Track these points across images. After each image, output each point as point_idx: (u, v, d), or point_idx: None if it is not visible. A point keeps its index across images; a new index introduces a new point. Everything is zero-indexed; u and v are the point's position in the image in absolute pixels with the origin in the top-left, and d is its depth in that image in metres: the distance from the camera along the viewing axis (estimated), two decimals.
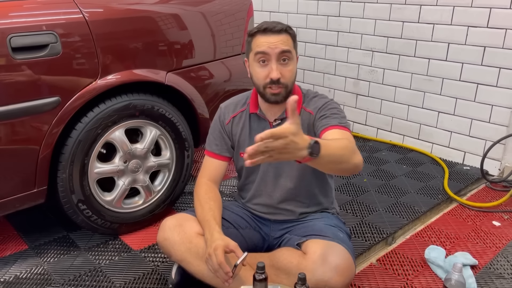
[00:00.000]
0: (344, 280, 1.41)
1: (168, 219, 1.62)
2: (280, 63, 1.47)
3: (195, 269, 1.54)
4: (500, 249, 1.99)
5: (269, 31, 1.46)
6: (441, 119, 2.95)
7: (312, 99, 1.61)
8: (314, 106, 1.57)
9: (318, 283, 1.40)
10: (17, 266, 1.84)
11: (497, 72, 2.61)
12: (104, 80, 1.80)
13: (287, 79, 1.49)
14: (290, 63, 1.49)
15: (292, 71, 1.50)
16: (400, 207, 2.32)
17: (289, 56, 1.48)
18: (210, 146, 1.71)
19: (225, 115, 1.69)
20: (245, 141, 1.65)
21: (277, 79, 1.46)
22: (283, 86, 1.49)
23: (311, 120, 1.57)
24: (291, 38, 1.50)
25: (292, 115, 1.11)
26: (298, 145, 1.13)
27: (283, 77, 1.48)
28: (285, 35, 1.48)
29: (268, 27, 1.47)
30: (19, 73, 1.60)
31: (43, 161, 1.73)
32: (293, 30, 1.53)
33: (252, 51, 1.50)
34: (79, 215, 1.89)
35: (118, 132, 1.91)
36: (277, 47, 1.45)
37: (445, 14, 2.77)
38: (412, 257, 1.92)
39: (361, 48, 3.28)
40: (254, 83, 1.55)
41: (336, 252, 1.43)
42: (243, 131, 1.66)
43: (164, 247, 1.59)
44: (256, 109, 1.63)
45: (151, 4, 1.98)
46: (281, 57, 1.47)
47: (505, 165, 2.68)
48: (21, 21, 1.61)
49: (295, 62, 1.53)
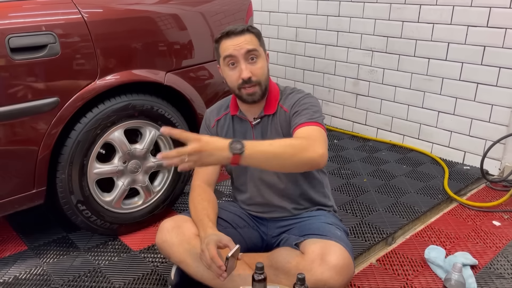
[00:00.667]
0: (343, 279, 1.42)
1: (166, 221, 1.63)
2: (248, 63, 1.51)
3: (194, 271, 1.54)
4: (500, 249, 1.98)
5: (232, 34, 1.51)
6: (441, 119, 2.94)
7: (288, 96, 1.62)
8: (289, 103, 1.59)
9: (317, 282, 1.40)
10: (16, 267, 1.84)
11: (497, 71, 2.61)
12: (103, 80, 1.80)
13: (259, 77, 1.53)
14: (259, 60, 1.53)
15: (262, 68, 1.54)
16: (400, 207, 2.32)
17: (256, 54, 1.52)
18: None
19: (210, 119, 1.73)
20: None
21: (248, 78, 1.50)
22: (256, 84, 1.53)
23: (287, 118, 1.58)
24: (255, 36, 1.54)
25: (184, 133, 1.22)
26: (215, 145, 1.23)
27: (254, 76, 1.51)
28: (248, 34, 1.52)
29: (230, 30, 1.51)
30: (17, 74, 1.60)
31: (42, 161, 1.73)
32: (257, 29, 1.57)
33: (221, 56, 1.54)
34: (78, 215, 1.89)
35: (117, 133, 1.91)
36: (242, 48, 1.49)
37: (445, 13, 2.77)
38: (412, 257, 1.92)
39: (361, 48, 3.28)
40: (229, 87, 1.59)
41: (335, 251, 1.43)
42: (227, 133, 1.68)
43: (163, 249, 1.59)
44: (236, 111, 1.66)
45: (150, 5, 1.98)
46: (248, 56, 1.51)
47: (505, 165, 2.68)
48: (20, 22, 1.61)
49: (264, 59, 1.56)
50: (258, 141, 1.34)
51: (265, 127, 1.62)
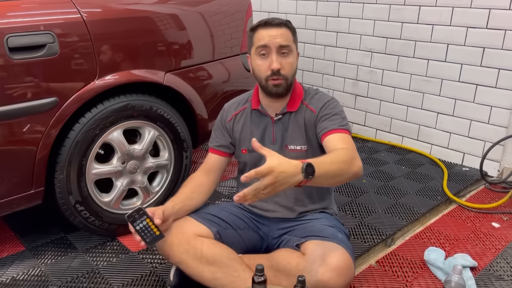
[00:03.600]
0: (344, 280, 1.41)
1: None
2: (280, 55, 1.53)
3: (193, 271, 1.53)
4: (499, 250, 1.98)
5: (269, 25, 1.53)
6: (440, 120, 2.94)
7: (314, 96, 1.65)
8: (317, 105, 1.61)
9: (317, 283, 1.40)
10: (14, 267, 1.83)
11: (496, 73, 2.61)
12: (102, 80, 1.79)
13: (287, 71, 1.55)
14: (290, 56, 1.55)
15: (292, 64, 1.56)
16: (399, 208, 2.32)
17: (289, 49, 1.54)
18: (211, 143, 1.77)
19: (228, 114, 1.75)
20: (246, 138, 1.69)
21: (277, 69, 1.52)
22: (283, 78, 1.54)
23: (312, 119, 1.61)
24: (290, 32, 1.56)
25: (263, 150, 1.23)
26: (288, 173, 1.20)
27: (283, 69, 1.53)
28: (285, 29, 1.54)
29: (268, 21, 1.54)
30: (16, 74, 1.59)
31: (40, 161, 1.72)
32: (293, 25, 1.58)
33: (254, 45, 1.56)
34: (76, 216, 1.88)
35: (116, 133, 1.90)
36: (277, 40, 1.51)
37: (444, 14, 2.77)
38: (411, 259, 1.92)
39: (360, 49, 3.27)
40: (256, 77, 1.60)
41: (335, 252, 1.43)
42: (244, 128, 1.70)
43: (162, 249, 1.59)
44: (258, 105, 1.67)
45: (149, 4, 1.97)
46: (280, 50, 1.52)
47: (504, 166, 2.68)
48: (18, 21, 1.60)
49: (295, 56, 1.58)
50: (321, 161, 1.30)
51: (286, 124, 1.64)
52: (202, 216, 1.64)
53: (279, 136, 1.65)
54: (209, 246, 1.52)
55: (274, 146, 1.64)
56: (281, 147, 1.64)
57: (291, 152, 1.63)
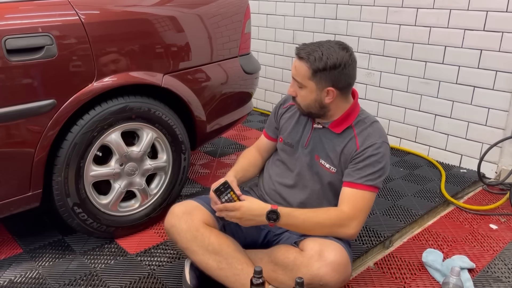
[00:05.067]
0: (340, 277, 1.43)
1: (177, 205, 1.64)
2: (297, 84, 1.56)
3: (199, 258, 1.54)
4: (497, 252, 1.98)
5: (297, 53, 1.54)
6: (438, 122, 2.95)
7: (366, 129, 1.57)
8: (363, 142, 1.55)
9: (313, 278, 1.42)
10: (11, 270, 1.82)
11: (494, 75, 2.62)
12: (100, 82, 1.79)
13: (299, 101, 1.58)
14: (304, 90, 1.54)
15: (304, 97, 1.55)
16: (397, 210, 2.32)
17: (302, 85, 1.53)
18: (266, 126, 1.88)
19: (286, 101, 1.79)
20: (287, 129, 1.73)
21: (292, 96, 1.59)
22: (297, 104, 1.60)
23: (352, 152, 1.56)
24: (309, 70, 1.49)
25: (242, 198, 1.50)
26: (254, 213, 1.48)
27: (297, 97, 1.58)
28: (304, 64, 1.50)
29: (298, 48, 1.54)
30: (14, 76, 1.59)
31: (38, 163, 1.72)
32: (321, 63, 1.47)
33: None
34: (74, 218, 1.87)
35: (114, 135, 1.89)
36: (292, 71, 1.56)
37: (442, 17, 2.77)
38: (409, 261, 1.92)
39: (358, 51, 3.28)
40: None
41: (332, 248, 1.46)
42: (291, 119, 1.74)
43: (171, 233, 1.61)
44: None
45: (147, 6, 1.97)
46: (295, 80, 1.55)
47: (501, 168, 2.69)
48: (16, 23, 1.60)
49: (312, 92, 1.52)
50: (295, 214, 1.50)
51: (323, 138, 1.63)
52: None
53: (312, 144, 1.65)
54: (217, 236, 1.55)
55: (305, 150, 1.66)
56: (311, 154, 1.65)
57: (319, 166, 1.63)
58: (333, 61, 1.47)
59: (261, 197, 1.77)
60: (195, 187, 2.58)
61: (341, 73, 1.49)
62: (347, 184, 1.54)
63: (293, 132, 1.71)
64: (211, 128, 2.29)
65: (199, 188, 2.56)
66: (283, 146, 1.74)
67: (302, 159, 1.66)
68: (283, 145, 1.74)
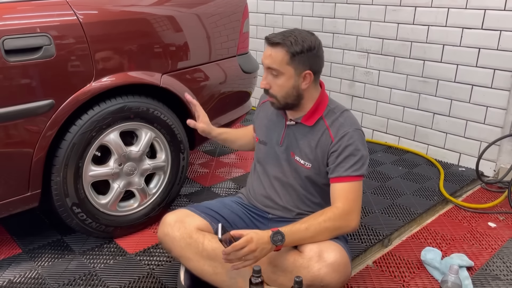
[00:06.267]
0: (340, 277, 1.43)
1: (168, 214, 1.64)
2: (271, 75, 1.51)
3: (194, 265, 1.54)
4: (496, 250, 1.99)
5: (267, 41, 1.50)
6: (437, 120, 2.95)
7: (338, 119, 1.57)
8: (337, 132, 1.55)
9: (314, 279, 1.41)
10: (11, 270, 1.82)
11: (492, 73, 2.62)
12: (99, 82, 1.79)
13: (275, 92, 1.53)
14: (280, 78, 1.50)
15: (281, 86, 1.51)
16: (396, 209, 2.32)
17: (277, 72, 1.49)
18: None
19: (261, 98, 1.81)
20: (260, 127, 1.75)
21: (264, 88, 1.55)
22: (273, 97, 1.55)
23: (327, 145, 1.56)
24: (286, 54, 1.46)
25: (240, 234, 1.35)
26: (263, 240, 1.36)
27: (271, 89, 1.53)
28: (280, 49, 1.47)
29: (268, 37, 1.49)
30: (12, 76, 1.59)
31: (37, 164, 1.72)
32: (298, 46, 1.46)
33: None
34: (73, 218, 1.87)
35: (113, 135, 1.89)
36: (266, 61, 1.50)
37: (440, 15, 2.78)
38: (408, 259, 1.92)
39: (356, 50, 3.28)
40: None
41: (332, 249, 1.45)
42: (265, 118, 1.75)
43: (164, 242, 1.60)
44: None
45: (146, 6, 1.97)
46: (270, 70, 1.51)
47: (500, 166, 2.69)
48: (14, 23, 1.60)
49: (290, 78, 1.50)
50: (296, 228, 1.44)
51: (297, 134, 1.63)
52: (205, 212, 1.65)
53: (287, 141, 1.65)
54: (210, 240, 1.54)
55: (280, 148, 1.66)
56: (287, 151, 1.65)
57: (295, 163, 1.64)
58: (308, 44, 1.48)
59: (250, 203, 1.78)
60: (194, 186, 2.58)
61: (315, 55, 1.52)
62: (335, 180, 1.53)
63: (266, 131, 1.72)
64: None
65: (198, 187, 2.57)
66: (258, 144, 1.76)
67: (280, 156, 1.66)
68: (259, 143, 1.75)
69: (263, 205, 1.74)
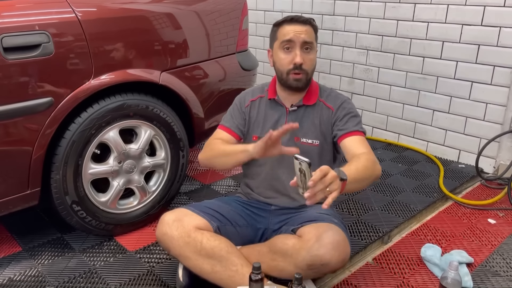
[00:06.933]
0: (339, 254, 1.44)
1: (166, 214, 1.63)
2: (303, 51, 1.61)
3: (193, 264, 1.55)
4: (495, 246, 1.99)
5: (295, 21, 1.61)
6: (436, 117, 2.95)
7: (330, 94, 1.73)
8: (334, 102, 1.69)
9: (313, 259, 1.43)
10: (11, 268, 1.82)
11: (492, 70, 2.62)
12: (98, 80, 1.78)
13: (308, 67, 1.63)
14: (312, 52, 1.63)
15: (313, 60, 1.64)
16: (396, 206, 2.33)
17: (311, 46, 1.62)
18: (225, 122, 1.80)
19: (245, 99, 1.80)
20: (259, 125, 1.75)
21: (300, 64, 1.60)
22: (304, 73, 1.62)
23: (330, 115, 1.68)
24: (313, 30, 1.64)
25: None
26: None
27: (305, 64, 1.61)
28: (309, 27, 1.62)
29: (294, 17, 1.62)
30: (11, 74, 1.58)
31: (36, 162, 1.71)
32: (316, 24, 1.67)
33: (278, 39, 1.64)
34: (73, 216, 1.87)
35: (112, 133, 1.89)
36: (302, 36, 1.59)
37: (440, 12, 2.77)
38: (408, 256, 1.92)
39: (355, 47, 3.28)
40: (277, 70, 1.67)
41: (330, 229, 1.48)
42: (258, 115, 1.76)
43: (163, 242, 1.60)
44: (274, 95, 1.74)
45: (144, 4, 1.96)
46: (304, 46, 1.60)
47: (499, 163, 2.69)
48: (13, 21, 1.59)
49: (316, 53, 1.66)
50: (347, 168, 1.36)
51: (300, 116, 1.70)
52: (203, 210, 1.65)
53: None
54: (209, 239, 1.54)
55: (284, 137, 1.65)
56: (290, 139, 1.68)
57: (302, 145, 1.67)
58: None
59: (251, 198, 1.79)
60: (194, 184, 2.58)
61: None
62: (347, 135, 1.61)
63: (264, 125, 1.72)
64: (209, 125, 2.28)
65: (198, 185, 2.56)
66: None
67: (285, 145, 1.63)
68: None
69: (265, 197, 1.75)
